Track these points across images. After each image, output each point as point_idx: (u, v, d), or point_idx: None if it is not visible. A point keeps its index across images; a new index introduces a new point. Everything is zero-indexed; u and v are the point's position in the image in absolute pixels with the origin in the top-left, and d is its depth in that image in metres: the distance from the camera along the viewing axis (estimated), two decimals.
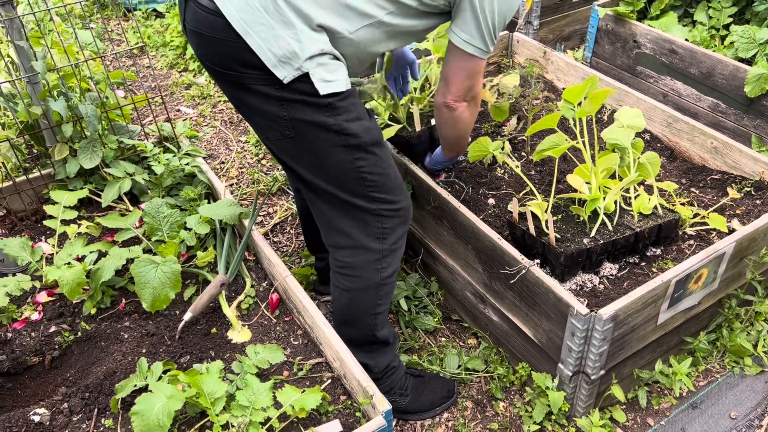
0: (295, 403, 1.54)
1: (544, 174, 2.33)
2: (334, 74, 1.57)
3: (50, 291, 2.02)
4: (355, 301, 1.81)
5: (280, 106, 1.57)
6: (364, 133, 1.63)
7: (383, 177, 1.70)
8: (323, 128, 1.59)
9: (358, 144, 1.63)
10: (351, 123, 1.61)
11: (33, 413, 1.63)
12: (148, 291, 1.84)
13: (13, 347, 1.86)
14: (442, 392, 2.06)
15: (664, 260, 1.97)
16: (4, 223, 2.31)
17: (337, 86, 1.57)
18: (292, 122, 1.59)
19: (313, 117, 1.58)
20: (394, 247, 1.79)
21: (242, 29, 1.49)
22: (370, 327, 1.84)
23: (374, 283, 1.78)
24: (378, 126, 1.71)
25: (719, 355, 2.17)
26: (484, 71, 2.98)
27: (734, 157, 2.25)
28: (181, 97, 3.81)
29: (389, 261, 1.79)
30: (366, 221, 1.72)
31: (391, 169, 1.73)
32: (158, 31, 4.45)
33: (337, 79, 1.57)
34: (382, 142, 1.71)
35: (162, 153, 2.38)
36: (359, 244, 1.74)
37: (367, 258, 1.76)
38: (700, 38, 3.17)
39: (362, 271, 1.77)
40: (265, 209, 2.91)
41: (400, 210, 1.76)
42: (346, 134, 1.61)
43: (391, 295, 1.87)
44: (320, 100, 1.56)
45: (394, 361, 1.96)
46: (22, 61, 2.19)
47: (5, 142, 2.39)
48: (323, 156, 1.64)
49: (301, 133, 1.61)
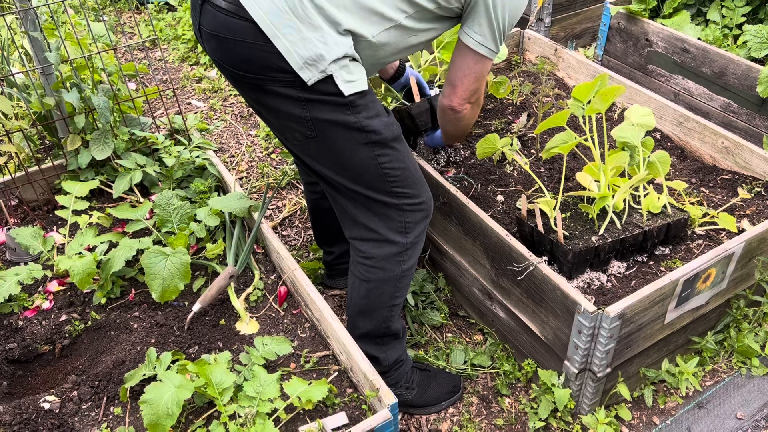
0: (301, 394, 1.55)
1: (553, 171, 2.33)
2: (354, 74, 1.58)
3: (61, 280, 2.04)
4: (373, 292, 1.83)
5: (301, 107, 1.58)
6: (384, 129, 1.65)
7: (404, 171, 1.71)
8: (345, 127, 1.61)
9: (379, 140, 1.64)
10: (371, 120, 1.62)
11: (43, 400, 1.65)
12: (158, 282, 1.85)
13: (24, 335, 1.88)
14: (448, 387, 2.07)
15: (673, 259, 1.97)
16: (16, 212, 2.33)
17: (359, 86, 1.59)
18: (314, 122, 1.60)
19: (335, 116, 1.59)
20: (416, 240, 1.80)
21: (271, 32, 1.49)
22: (386, 319, 1.86)
23: (395, 275, 1.80)
24: (396, 122, 1.72)
25: (726, 356, 2.17)
26: (494, 68, 2.98)
27: (745, 157, 2.24)
28: (192, 90, 3.83)
29: (410, 254, 1.81)
30: (389, 216, 1.74)
31: (411, 163, 1.74)
32: (170, 24, 4.47)
33: (358, 79, 1.59)
34: (401, 137, 1.72)
35: (173, 145, 2.39)
36: (383, 237, 1.76)
37: (391, 251, 1.78)
38: (713, 37, 3.15)
39: (385, 263, 1.79)
40: (274, 203, 2.93)
41: (422, 204, 1.77)
42: (368, 131, 1.62)
43: (408, 287, 1.89)
44: (341, 99, 1.57)
45: (403, 355, 1.97)
46: (36, 52, 2.21)
47: (18, 132, 2.41)
48: (346, 154, 1.65)
49: (323, 133, 1.62)
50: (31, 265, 1.96)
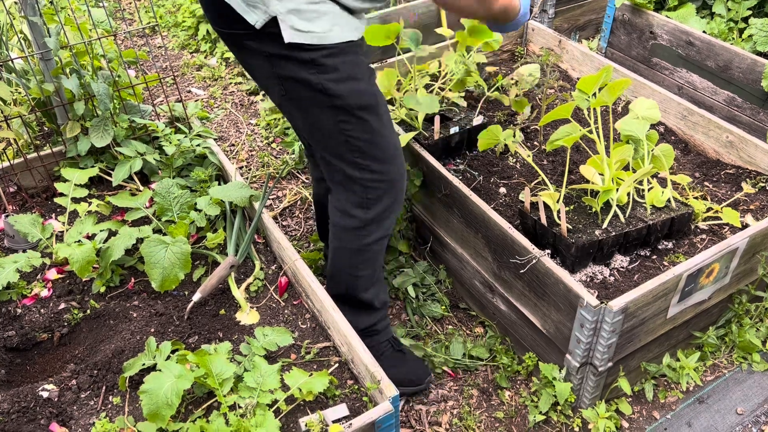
0: (302, 386, 1.55)
1: (556, 164, 2.32)
2: (312, 24, 1.44)
3: (60, 268, 2.02)
4: (336, 258, 1.83)
5: (269, 62, 1.52)
6: (350, 95, 1.54)
7: (369, 144, 1.63)
8: (308, 86, 1.53)
9: (343, 106, 1.55)
10: (336, 84, 1.52)
11: (41, 389, 1.64)
12: (158, 271, 1.84)
13: (22, 323, 1.87)
14: (414, 376, 2.01)
15: (676, 254, 1.96)
16: (14, 199, 2.31)
17: (311, 38, 1.44)
18: (282, 80, 1.54)
19: (299, 74, 1.51)
20: (381, 216, 1.75)
21: None
22: (350, 287, 1.85)
23: (354, 248, 1.79)
24: (377, 91, 1.61)
25: (727, 351, 2.16)
26: (498, 60, 2.96)
27: (749, 151, 2.22)
28: (192, 78, 3.80)
29: (372, 229, 1.77)
30: (351, 188, 1.70)
31: (381, 137, 1.64)
32: (170, 11, 4.43)
33: (314, 31, 1.44)
34: (375, 107, 1.61)
35: (173, 133, 2.37)
36: (343, 208, 1.75)
37: (349, 223, 1.76)
38: (718, 30, 3.13)
39: (343, 234, 1.78)
40: (275, 193, 2.91)
41: (386, 181, 1.70)
42: (329, 95, 1.53)
43: (377, 261, 1.85)
44: (302, 55, 1.46)
45: (378, 326, 1.94)
46: (35, 38, 2.18)
47: (17, 118, 2.39)
48: (311, 116, 1.59)
49: (291, 91, 1.56)
50: (29, 253, 1.95)
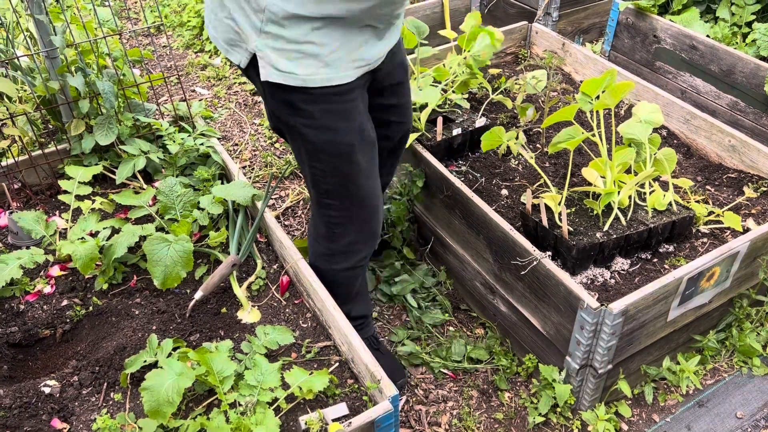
0: (302, 384, 1.55)
1: (558, 166, 2.32)
2: (294, 64, 1.37)
3: (63, 265, 2.03)
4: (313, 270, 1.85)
5: (263, 93, 1.54)
6: (323, 144, 1.52)
7: (338, 187, 1.62)
8: (285, 123, 1.54)
9: (314, 151, 1.55)
10: (310, 129, 1.49)
11: (43, 385, 1.65)
12: (160, 269, 1.85)
13: (25, 319, 1.88)
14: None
15: (677, 257, 1.96)
16: (19, 196, 2.32)
17: (288, 79, 1.39)
18: (272, 111, 1.56)
19: (278, 109, 1.51)
20: (348, 250, 1.79)
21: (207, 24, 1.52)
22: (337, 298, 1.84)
23: (325, 269, 1.84)
24: (355, 139, 1.55)
25: (728, 355, 2.16)
26: (502, 62, 2.97)
27: (752, 156, 2.22)
28: (196, 78, 3.82)
29: (339, 259, 1.81)
30: (320, 217, 1.75)
31: (352, 184, 1.62)
32: (175, 11, 4.44)
33: (294, 73, 1.38)
34: (349, 156, 1.55)
35: (177, 132, 2.38)
36: (315, 230, 1.80)
37: (318, 248, 1.82)
38: (722, 35, 3.13)
39: (315, 256, 1.85)
40: (277, 193, 2.92)
41: (354, 223, 1.71)
42: (303, 138, 1.53)
43: (352, 284, 1.89)
44: (280, 94, 1.44)
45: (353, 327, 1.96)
46: (41, 36, 2.20)
47: (22, 116, 2.40)
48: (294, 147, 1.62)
49: (279, 122, 1.58)
50: (33, 249, 1.96)
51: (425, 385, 2.11)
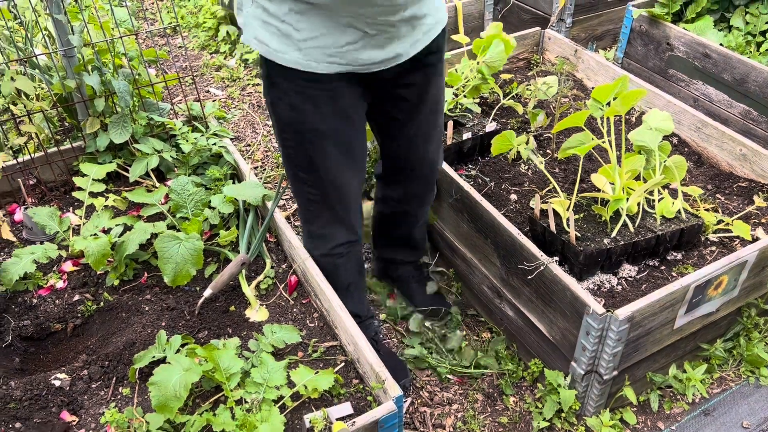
0: (308, 383, 1.57)
1: (568, 172, 2.32)
2: (270, 38, 1.46)
3: (75, 261, 2.06)
4: None
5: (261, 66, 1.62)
6: (290, 122, 1.60)
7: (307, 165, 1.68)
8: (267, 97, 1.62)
9: (283, 128, 1.63)
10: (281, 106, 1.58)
11: (54, 378, 1.68)
12: (171, 266, 1.87)
13: (37, 313, 1.91)
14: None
15: (685, 265, 1.96)
16: (34, 192, 2.36)
17: (263, 50, 1.48)
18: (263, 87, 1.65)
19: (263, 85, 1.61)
20: (322, 232, 1.83)
21: None
22: None
23: (312, 256, 1.90)
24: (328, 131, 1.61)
25: (735, 364, 2.15)
26: (514, 67, 2.98)
27: (763, 165, 2.22)
28: (211, 79, 3.85)
29: (318, 244, 1.86)
30: (297, 194, 1.80)
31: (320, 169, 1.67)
32: (192, 12, 4.49)
33: (269, 45, 1.47)
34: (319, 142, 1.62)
35: (190, 132, 2.41)
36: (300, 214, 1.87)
37: (303, 233, 1.90)
38: (736, 44, 3.12)
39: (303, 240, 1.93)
40: (288, 194, 2.94)
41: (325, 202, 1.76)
42: (273, 110, 1.62)
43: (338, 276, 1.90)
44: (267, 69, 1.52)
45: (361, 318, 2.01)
46: (59, 35, 2.23)
47: (39, 113, 2.44)
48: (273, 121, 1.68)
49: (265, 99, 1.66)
50: (46, 245, 1.99)
51: (430, 388, 2.12)
